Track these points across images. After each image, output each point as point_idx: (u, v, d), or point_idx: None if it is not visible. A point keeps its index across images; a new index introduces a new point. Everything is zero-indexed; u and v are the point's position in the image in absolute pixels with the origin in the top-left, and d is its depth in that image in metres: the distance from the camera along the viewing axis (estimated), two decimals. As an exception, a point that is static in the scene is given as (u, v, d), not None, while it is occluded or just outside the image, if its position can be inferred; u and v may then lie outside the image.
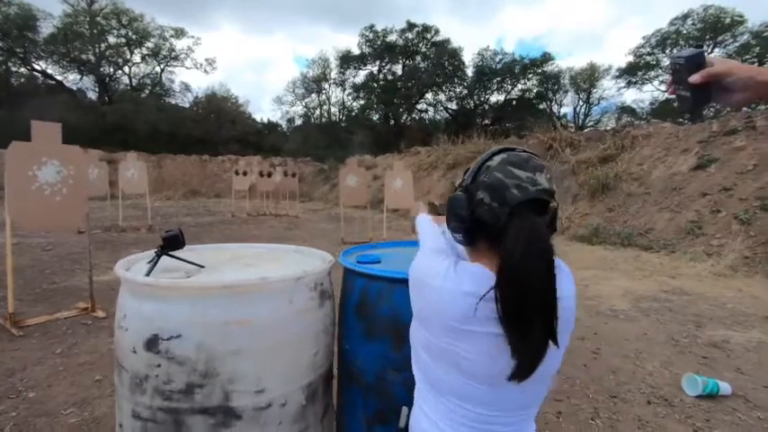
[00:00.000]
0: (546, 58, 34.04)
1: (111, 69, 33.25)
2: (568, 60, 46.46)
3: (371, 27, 36.07)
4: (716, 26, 26.93)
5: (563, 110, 35.65)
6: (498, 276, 0.74)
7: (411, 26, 35.68)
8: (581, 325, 3.58)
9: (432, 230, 1.14)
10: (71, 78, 31.89)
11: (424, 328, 0.86)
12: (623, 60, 36.46)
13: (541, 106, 34.67)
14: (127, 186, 9.61)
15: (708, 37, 27.26)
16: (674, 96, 0.83)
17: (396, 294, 1.24)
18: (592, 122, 33.99)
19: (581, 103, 35.03)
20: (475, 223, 0.80)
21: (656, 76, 30.37)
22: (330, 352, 1.38)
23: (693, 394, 2.45)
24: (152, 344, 1.09)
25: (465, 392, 0.82)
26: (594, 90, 34.23)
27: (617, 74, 32.37)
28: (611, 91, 38.10)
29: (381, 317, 1.26)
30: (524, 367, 0.74)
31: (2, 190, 3.77)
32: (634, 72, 31.12)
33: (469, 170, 0.86)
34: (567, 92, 35.14)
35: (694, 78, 0.76)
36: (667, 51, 29.24)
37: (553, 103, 35.62)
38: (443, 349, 0.81)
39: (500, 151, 0.84)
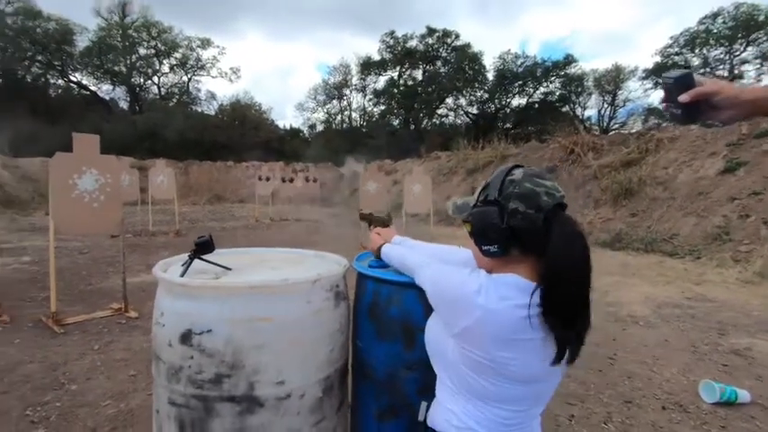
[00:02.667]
0: (568, 60, 33.55)
1: (142, 80, 34.74)
2: (594, 62, 45.69)
3: (392, 33, 36.40)
4: (749, 24, 25.94)
5: (587, 112, 35.00)
6: (545, 275, 0.83)
7: (431, 31, 35.79)
8: (598, 331, 3.57)
9: (410, 251, 1.27)
10: (104, 89, 33.57)
11: (465, 343, 0.88)
12: (650, 61, 35.36)
13: (564, 109, 34.12)
14: (156, 192, 10.02)
15: (740, 35, 26.31)
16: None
17: (405, 297, 1.33)
18: (617, 125, 33.24)
19: (605, 105, 34.31)
20: (509, 233, 0.87)
21: (685, 77, 29.39)
22: (345, 349, 1.49)
23: (711, 401, 2.44)
24: (186, 338, 1.22)
25: (509, 395, 0.89)
26: (620, 92, 33.47)
27: (643, 75, 31.59)
28: (637, 92, 37.24)
29: (391, 318, 1.35)
30: (570, 353, 0.85)
31: (41, 197, 4.05)
32: (661, 73, 30.21)
33: (489, 186, 0.93)
34: (590, 94, 34.50)
35: (683, 98, 0.83)
36: (696, 51, 28.35)
37: (576, 105, 35.01)
38: (491, 361, 0.85)
39: (515, 167, 0.94)
